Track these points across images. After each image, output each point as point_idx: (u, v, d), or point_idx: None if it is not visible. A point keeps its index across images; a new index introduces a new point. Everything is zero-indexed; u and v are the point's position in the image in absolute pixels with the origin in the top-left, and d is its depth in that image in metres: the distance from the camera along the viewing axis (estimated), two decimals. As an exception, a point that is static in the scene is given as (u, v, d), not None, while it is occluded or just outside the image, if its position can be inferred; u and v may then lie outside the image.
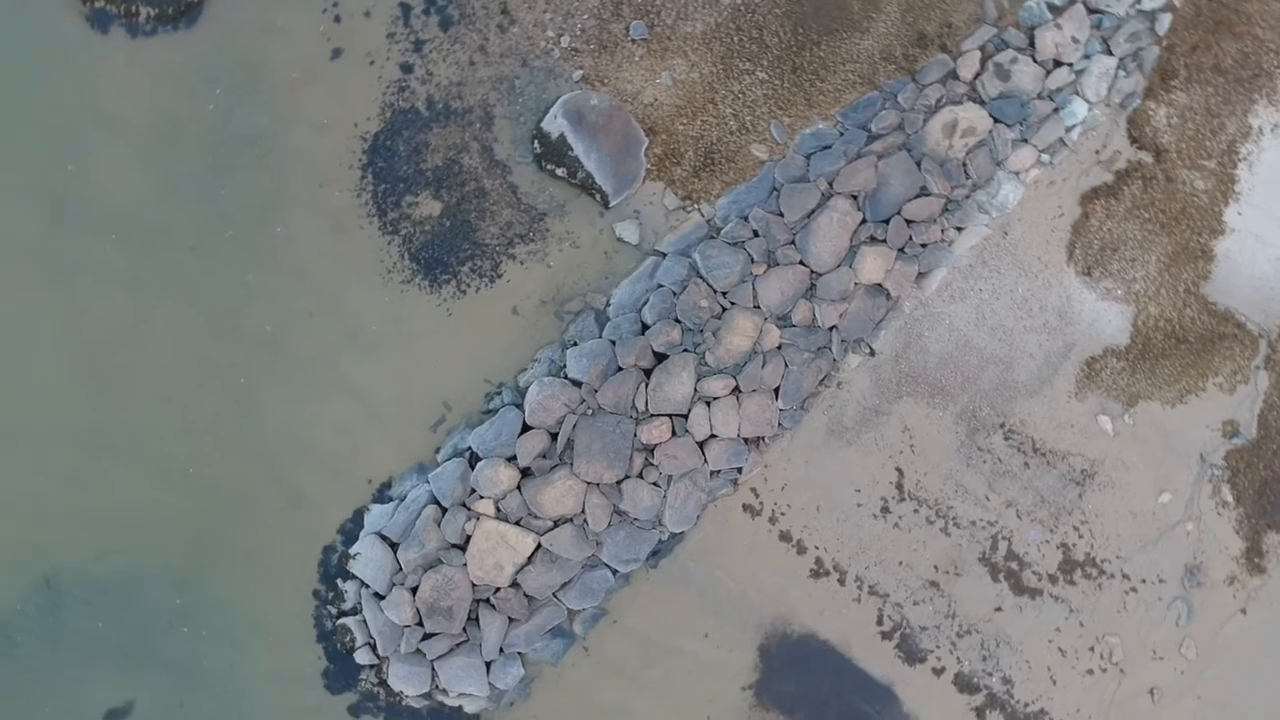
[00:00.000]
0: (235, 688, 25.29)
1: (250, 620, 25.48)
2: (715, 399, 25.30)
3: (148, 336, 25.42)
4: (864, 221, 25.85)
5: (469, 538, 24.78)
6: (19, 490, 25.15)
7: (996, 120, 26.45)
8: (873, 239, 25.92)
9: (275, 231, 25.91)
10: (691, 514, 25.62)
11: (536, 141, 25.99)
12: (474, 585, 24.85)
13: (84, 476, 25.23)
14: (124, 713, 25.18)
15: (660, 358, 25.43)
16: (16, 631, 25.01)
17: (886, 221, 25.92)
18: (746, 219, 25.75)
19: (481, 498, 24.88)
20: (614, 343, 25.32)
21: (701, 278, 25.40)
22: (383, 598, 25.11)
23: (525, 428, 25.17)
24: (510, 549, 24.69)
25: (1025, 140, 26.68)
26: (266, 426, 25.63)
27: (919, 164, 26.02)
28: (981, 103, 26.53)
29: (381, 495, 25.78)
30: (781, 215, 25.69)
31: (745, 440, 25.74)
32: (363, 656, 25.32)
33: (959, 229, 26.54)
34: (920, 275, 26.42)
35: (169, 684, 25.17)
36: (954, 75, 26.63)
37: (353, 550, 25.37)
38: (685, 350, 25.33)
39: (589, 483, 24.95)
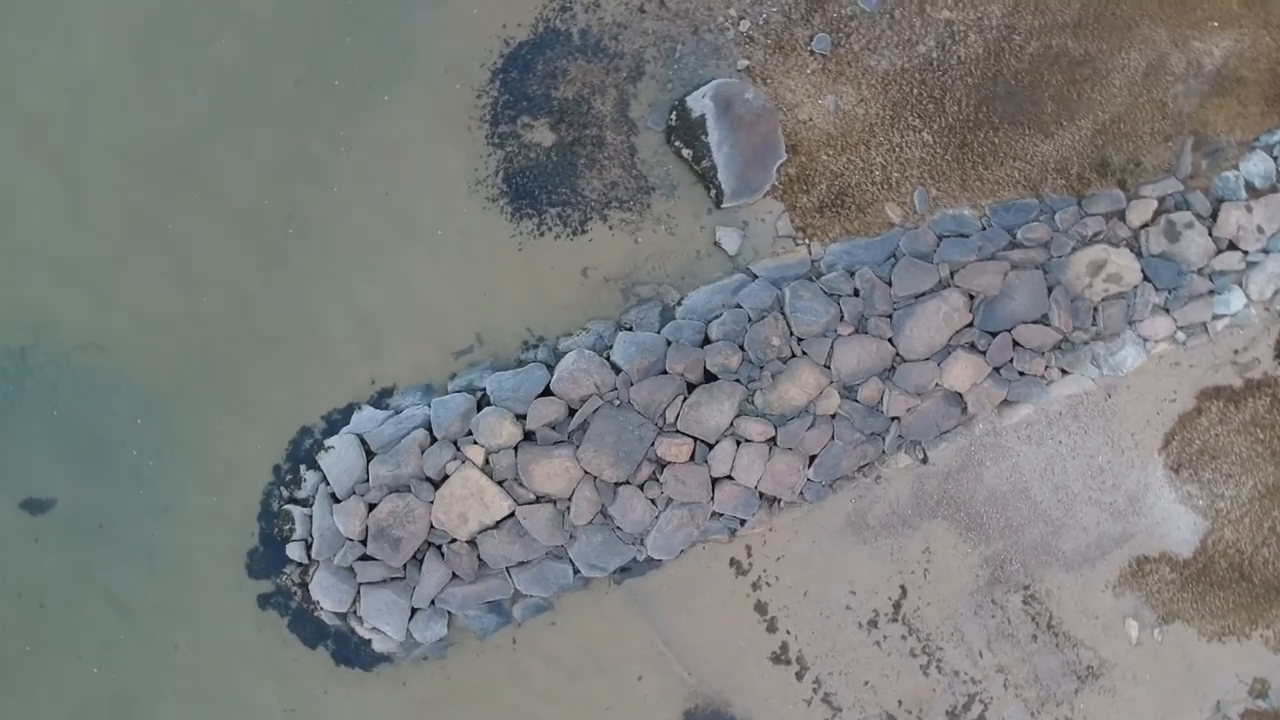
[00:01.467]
0: (159, 530, 23.84)
1: (202, 470, 24.03)
2: (748, 441, 23.41)
3: (218, 145, 24.08)
4: (970, 325, 23.80)
5: (446, 477, 23.12)
6: (35, 249, 23.92)
7: (1146, 278, 24.27)
8: (972, 346, 23.86)
9: (383, 99, 24.45)
10: (676, 546, 23.75)
11: (675, 113, 24.28)
12: (432, 526, 23.18)
13: (100, 257, 23.91)
14: (41, 507, 23.82)
15: (710, 378, 23.60)
16: (-29, 385, 23.81)
17: (994, 334, 23.85)
18: (853, 274, 23.82)
19: (475, 443, 23.20)
20: (670, 343, 23.52)
21: (784, 315, 23.51)
22: (338, 501, 23.53)
23: (547, 391, 23.43)
24: (482, 505, 22.99)
25: (1167, 310, 24.48)
26: (295, 286, 24.17)
27: (1050, 290, 23.92)
28: (1138, 254, 24.36)
29: (379, 400, 24.22)
30: (890, 285, 23.72)
31: (761, 495, 23.82)
32: (294, 551, 23.78)
33: (1064, 371, 24.38)
34: (1006, 402, 24.33)
35: (97, 500, 23.78)
36: (1121, 215, 24.50)
37: (328, 442, 23.81)
38: (737, 380, 23.46)
39: (587, 472, 23.17)
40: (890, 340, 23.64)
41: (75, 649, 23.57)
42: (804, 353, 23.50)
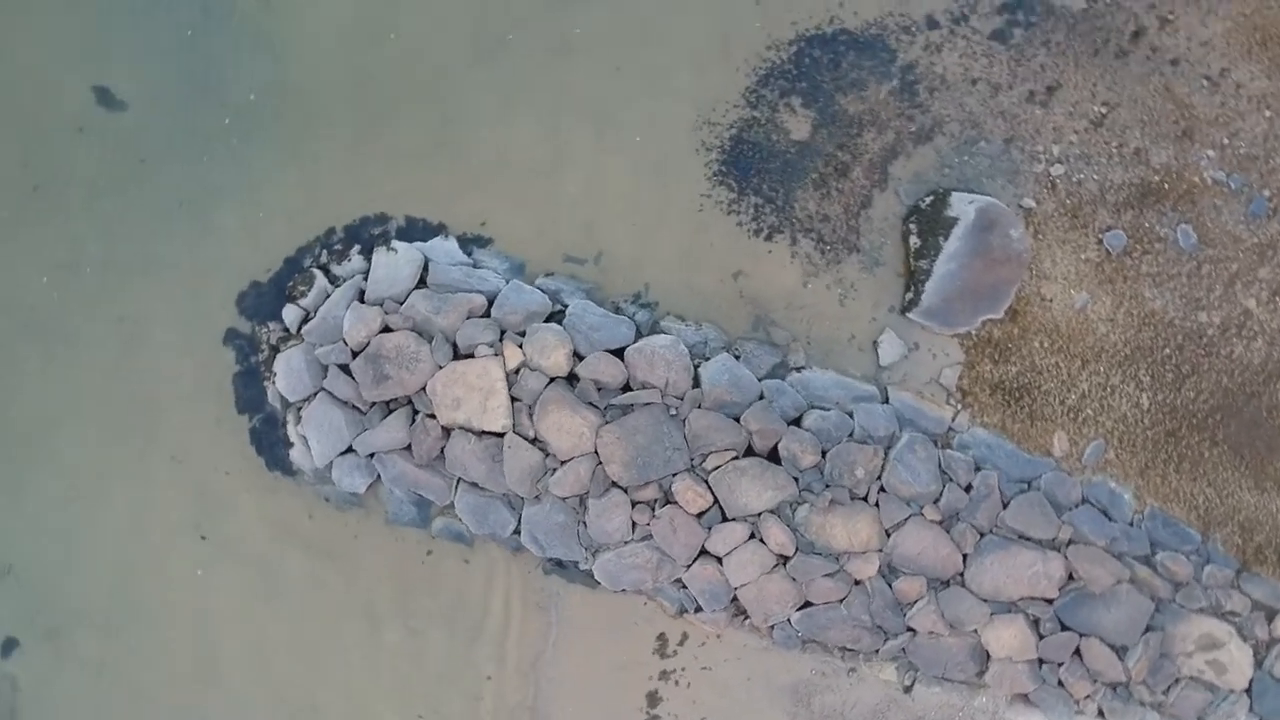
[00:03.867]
0: (188, 204, 21.72)
1: (271, 181, 21.83)
2: (761, 542, 20.36)
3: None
4: (1050, 602, 20.41)
5: (470, 356, 20.49)
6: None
7: (1249, 691, 20.66)
8: (1036, 622, 20.48)
9: (688, -10, 22.02)
10: (622, 582, 20.82)
11: (930, 199, 21.29)
12: (423, 389, 20.58)
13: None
14: (109, 102, 21.97)
15: (773, 458, 20.58)
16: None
17: (1065, 627, 20.44)
18: (978, 470, 20.60)
19: (520, 346, 20.52)
20: (761, 398, 20.59)
21: (885, 455, 20.42)
22: (362, 302, 21.07)
23: (619, 352, 20.66)
24: (481, 406, 20.31)
25: (1242, 752, 20.89)
26: (477, 89, 21.84)
27: (1148, 629, 20.45)
28: (1258, 663, 20.74)
29: (469, 242, 21.71)
30: (1004, 507, 20.47)
31: (734, 599, 20.77)
32: (289, 314, 21.45)
33: (1101, 714, 20.85)
34: (1024, 698, 20.89)
35: (160, 137, 21.82)
36: (1269, 615, 20.87)
37: (396, 243, 21.38)
38: (796, 480, 20.40)
39: (597, 452, 20.36)
40: (965, 557, 20.38)
41: (38, 252, 21.47)
42: (877, 505, 20.38)
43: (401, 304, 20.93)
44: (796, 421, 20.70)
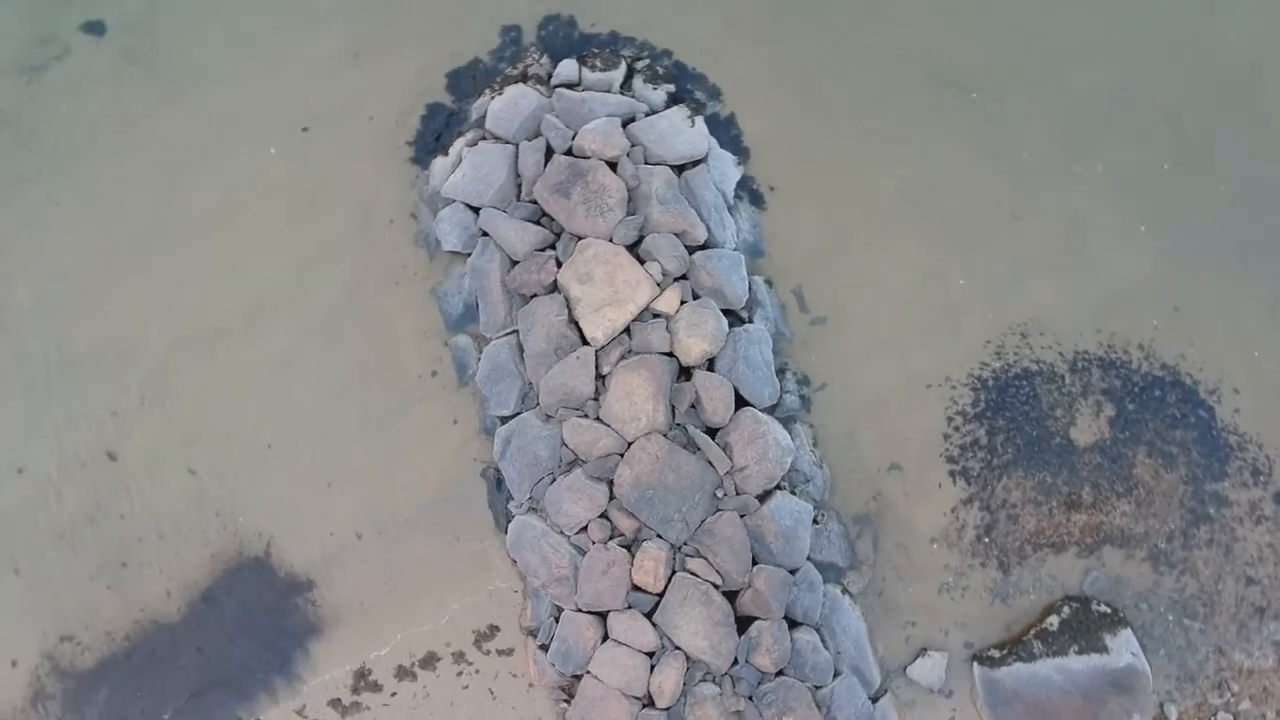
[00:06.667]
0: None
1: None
2: (651, 667, 17.05)
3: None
4: None
5: (640, 264, 17.75)
6: None
7: None
8: None
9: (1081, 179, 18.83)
10: (518, 553, 17.72)
11: (1105, 610, 17.65)
12: (576, 239, 18.14)
13: None
14: None
15: (741, 622, 17.24)
16: None
17: None
18: (869, 842, 16.97)
19: (682, 304, 17.83)
20: (791, 574, 17.29)
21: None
22: (622, 129, 18.54)
23: (740, 402, 17.64)
24: (595, 306, 17.70)
25: None
26: (908, 87, 19.04)
27: None
28: None
29: (744, 188, 19.02)
30: None
31: (577, 677, 17.53)
32: (566, 70, 19.82)
33: None
34: None
35: None
36: None
37: (701, 122, 18.93)
38: (735, 662, 17.02)
39: (628, 442, 17.36)
40: None
41: None
42: (766, 761, 16.90)
43: (646, 164, 18.26)
44: (794, 623, 17.36)
